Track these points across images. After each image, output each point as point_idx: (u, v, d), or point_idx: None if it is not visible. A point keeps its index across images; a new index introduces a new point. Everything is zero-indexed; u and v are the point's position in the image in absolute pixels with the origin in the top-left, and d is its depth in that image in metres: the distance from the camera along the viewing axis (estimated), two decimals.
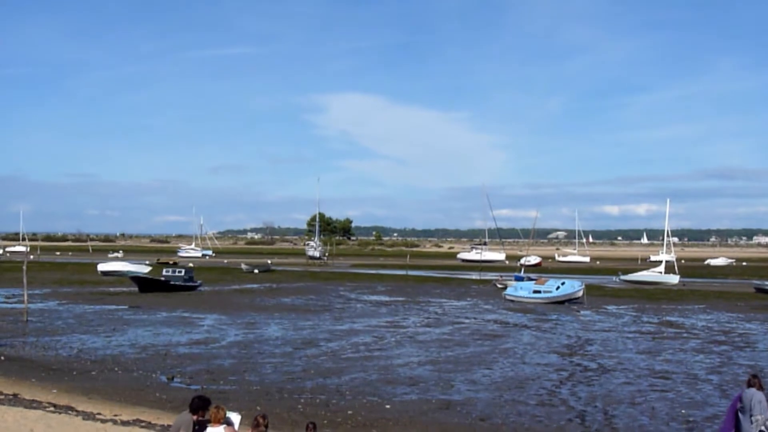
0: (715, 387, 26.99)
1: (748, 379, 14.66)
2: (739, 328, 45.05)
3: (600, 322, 47.79)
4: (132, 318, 45.38)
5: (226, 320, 44.92)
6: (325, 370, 29.20)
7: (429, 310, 53.16)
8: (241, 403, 21.74)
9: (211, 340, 36.74)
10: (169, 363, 30.18)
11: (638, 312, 54.11)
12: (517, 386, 26.64)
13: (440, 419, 21.60)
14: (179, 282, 66.96)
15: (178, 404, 20.67)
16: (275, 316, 47.83)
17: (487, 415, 22.20)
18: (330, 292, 67.74)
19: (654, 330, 43.67)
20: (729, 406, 15.34)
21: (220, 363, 30.37)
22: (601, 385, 27.15)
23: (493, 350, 35.02)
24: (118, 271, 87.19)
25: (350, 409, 22.53)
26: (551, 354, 34.37)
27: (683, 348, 36.55)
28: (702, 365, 31.68)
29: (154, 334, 38.50)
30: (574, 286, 61.62)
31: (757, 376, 14.91)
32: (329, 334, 39.58)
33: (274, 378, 27.41)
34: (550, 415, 22.25)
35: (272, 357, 32.05)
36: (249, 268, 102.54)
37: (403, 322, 45.96)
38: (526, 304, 59.43)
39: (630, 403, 24.17)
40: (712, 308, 57.28)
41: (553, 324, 46.25)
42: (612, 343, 37.90)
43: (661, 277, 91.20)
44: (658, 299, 65.24)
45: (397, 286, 77.12)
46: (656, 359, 33.05)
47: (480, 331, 42.21)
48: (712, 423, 21.57)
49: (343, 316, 48.24)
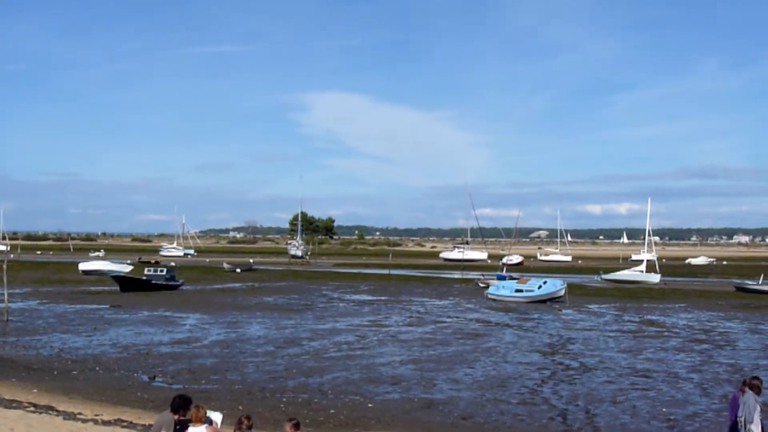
0: (695, 385, 27.12)
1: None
2: (719, 326, 45.29)
3: (582, 321, 47.96)
4: (113, 317, 45.18)
5: (208, 319, 44.79)
6: (307, 369, 29.16)
7: (411, 309, 53.17)
8: (223, 402, 21.68)
9: (192, 340, 36.62)
10: (150, 362, 30.06)
11: (620, 311, 54.32)
12: (499, 385, 26.68)
13: (422, 418, 21.62)
14: (161, 281, 66.70)
15: (160, 404, 20.58)
16: (257, 315, 47.73)
17: (469, 413, 22.23)
18: (312, 291, 67.67)
19: (635, 329, 43.85)
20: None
21: (202, 362, 30.29)
22: (582, 383, 27.23)
23: (475, 349, 35.07)
24: (99, 270, 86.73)
25: (332, 408, 22.52)
26: (533, 353, 34.45)
27: (664, 347, 36.73)
28: (683, 364, 31.83)
29: (135, 334, 38.34)
30: (556, 285, 61.76)
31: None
32: (311, 333, 39.53)
33: (256, 377, 27.36)
34: (532, 414, 22.31)
35: (254, 356, 31.98)
36: (231, 267, 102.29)
37: (385, 321, 45.97)
38: (508, 303, 59.55)
39: (611, 401, 24.26)
40: (692, 307, 57.56)
41: (535, 323, 46.38)
42: (593, 342, 38.03)
43: (643, 276, 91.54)
44: (640, 298, 65.52)
45: (380, 285, 77.12)
46: (637, 358, 33.19)
47: (462, 330, 42.27)
48: (692, 421, 21.71)
49: (325, 315, 48.19)
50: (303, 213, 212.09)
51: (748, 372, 29.63)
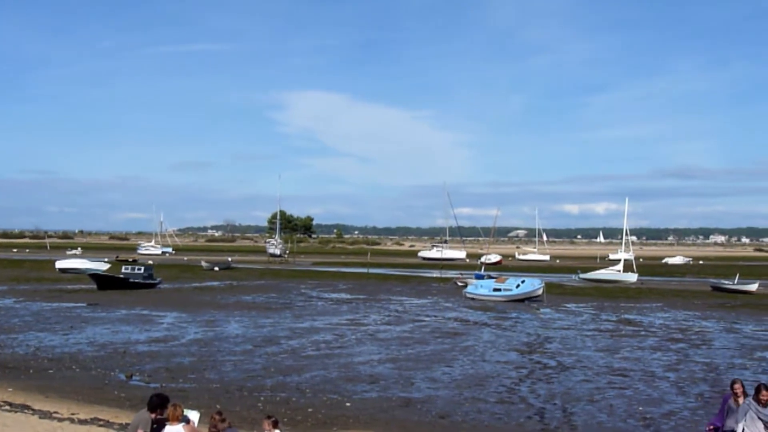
0: (671, 384, 27.30)
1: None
2: (695, 326, 45.59)
3: (559, 320, 48.14)
4: (90, 316, 44.93)
5: (185, 318, 44.64)
6: (285, 367, 29.12)
7: (390, 308, 53.19)
8: (201, 401, 21.62)
9: (170, 338, 36.48)
10: (127, 361, 29.92)
11: (597, 310, 54.57)
12: (477, 384, 26.75)
13: (400, 417, 21.64)
14: (138, 279, 66.40)
15: (137, 402, 20.48)
16: (235, 313, 47.60)
17: (447, 412, 22.27)
18: (291, 290, 67.56)
19: (612, 328, 44.07)
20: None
21: (180, 361, 30.17)
22: (560, 382, 27.35)
23: (453, 348, 35.13)
24: (76, 268, 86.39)
25: (310, 406, 22.49)
26: (511, 352, 34.55)
27: (641, 346, 36.93)
28: (659, 363, 32.03)
29: (112, 332, 38.15)
30: (534, 285, 61.96)
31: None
32: (290, 332, 39.47)
33: (234, 376, 27.29)
34: (510, 413, 22.38)
35: (232, 355, 31.90)
36: (209, 265, 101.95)
37: (363, 320, 45.96)
38: (486, 302, 59.67)
39: (588, 400, 24.38)
40: (669, 306, 57.92)
41: (513, 322, 46.51)
42: (571, 341, 38.20)
43: (620, 276, 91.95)
44: (617, 297, 65.88)
45: (358, 284, 77.08)
46: (614, 357, 33.37)
47: (440, 329, 42.33)
48: (668, 420, 21.85)
49: (303, 314, 48.14)
50: (282, 211, 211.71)
51: (723, 371, 29.94)
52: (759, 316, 51.98)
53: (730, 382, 15.37)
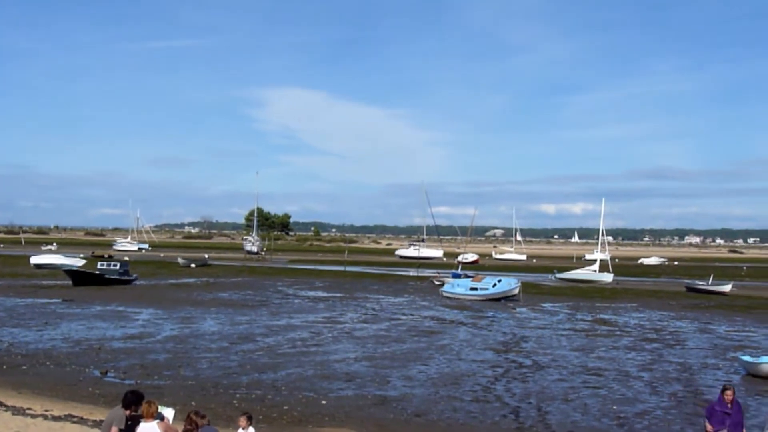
0: (645, 384, 27.51)
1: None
2: (670, 326, 45.91)
3: (535, 319, 48.32)
4: (65, 312, 44.64)
5: (161, 315, 44.44)
6: (261, 365, 29.08)
7: (366, 307, 53.20)
8: (176, 398, 21.59)
9: (146, 335, 36.32)
10: (102, 357, 29.77)
11: (573, 310, 54.82)
12: (453, 382, 26.83)
13: (376, 415, 21.68)
14: (114, 275, 66.05)
15: (112, 399, 20.42)
16: (212, 310, 47.45)
17: (423, 410, 22.33)
18: (267, 288, 67.40)
19: (588, 327, 44.29)
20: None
21: (155, 358, 30.06)
22: (535, 381, 27.48)
23: (429, 347, 35.20)
24: (51, 263, 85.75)
25: (286, 404, 22.49)
26: (487, 351, 34.66)
27: (616, 345, 37.15)
28: (633, 362, 32.25)
29: (87, 328, 37.93)
30: (511, 284, 62.14)
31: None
32: (266, 330, 39.40)
33: (210, 373, 27.22)
34: (485, 411, 22.47)
35: (208, 352, 31.82)
36: (186, 262, 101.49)
37: (340, 317, 45.93)
38: (463, 301, 59.79)
39: (563, 399, 24.51)
40: (644, 306, 58.28)
41: (489, 321, 46.64)
42: (547, 341, 38.36)
43: (596, 276, 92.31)
44: (593, 297, 66.19)
45: (335, 282, 77.03)
46: (589, 356, 33.55)
47: (417, 327, 42.38)
48: (641, 419, 22.03)
49: (280, 312, 48.06)
50: (259, 209, 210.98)
51: (696, 371, 30.21)
52: (732, 316, 52.42)
53: (721, 387, 15.43)
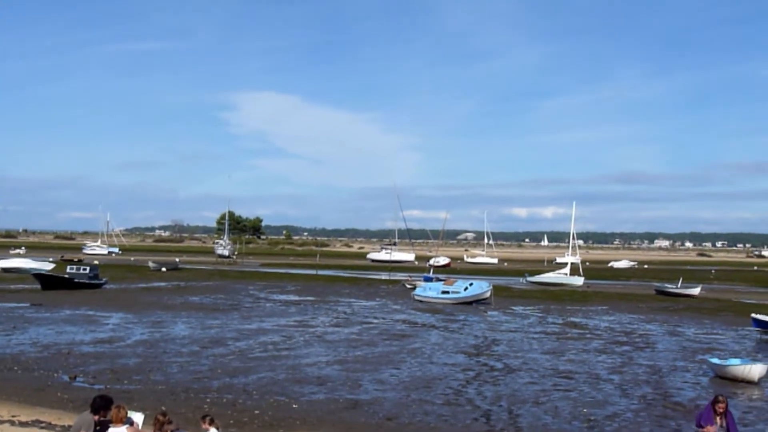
0: (615, 386, 27.66)
1: None
2: (639, 329, 46.22)
3: (507, 322, 48.48)
4: (34, 316, 44.21)
5: (131, 319, 44.14)
6: (232, 369, 28.95)
7: (338, 310, 53.13)
8: (146, 402, 21.43)
9: (115, 339, 36.05)
10: (71, 362, 29.51)
11: (544, 313, 55.05)
12: (425, 386, 26.85)
13: (348, 419, 21.65)
14: (84, 279, 65.42)
15: (81, 404, 20.23)
16: (182, 314, 47.19)
17: (395, 414, 22.33)
18: (239, 291, 67.14)
19: (558, 330, 44.50)
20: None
21: (125, 362, 29.84)
22: (506, 384, 27.56)
23: (401, 350, 35.21)
24: (19, 267, 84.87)
25: (257, 408, 22.40)
26: (458, 354, 34.72)
27: (586, 348, 37.36)
28: (604, 365, 32.43)
29: (56, 333, 37.58)
30: (482, 287, 62.30)
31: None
32: (237, 333, 39.24)
33: (180, 377, 27.07)
34: (456, 415, 22.50)
35: (179, 356, 31.64)
36: (156, 266, 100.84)
37: (312, 321, 45.84)
38: (434, 304, 59.83)
39: (534, 402, 24.60)
40: (614, 309, 58.64)
41: (460, 324, 46.72)
42: (518, 344, 38.50)
43: (567, 279, 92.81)
44: (563, 300, 66.47)
45: (307, 286, 76.86)
46: (560, 359, 33.70)
47: (388, 331, 42.39)
48: (612, 421, 22.15)
49: (251, 315, 47.88)
50: (230, 212, 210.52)
51: (666, 373, 30.44)
52: (700, 319, 52.87)
53: (713, 397, 15.26)
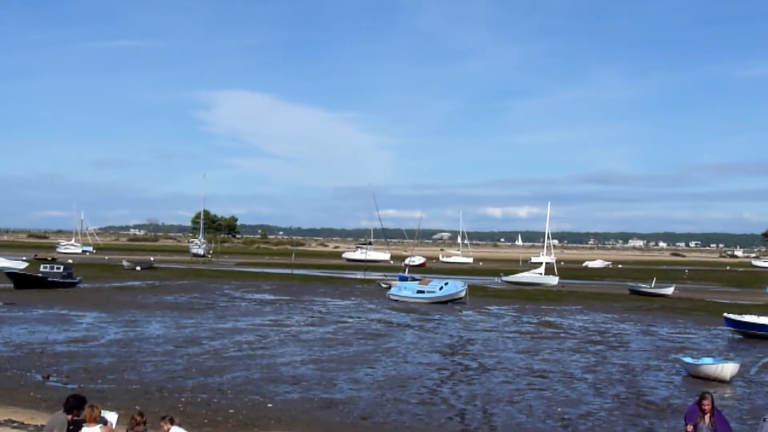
0: (589, 385, 27.82)
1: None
2: (613, 328, 46.49)
3: (481, 322, 48.61)
4: (6, 315, 43.86)
5: (105, 318, 43.90)
6: (207, 368, 28.87)
7: (313, 309, 53.08)
8: (120, 402, 21.35)
9: (89, 338, 35.85)
10: (45, 361, 29.32)
11: (518, 312, 55.25)
12: (399, 385, 26.89)
13: (322, 418, 21.65)
14: (57, 278, 65.05)
15: (54, 404, 20.11)
16: (157, 314, 46.98)
17: (369, 413, 22.35)
18: (214, 291, 66.93)
19: (533, 330, 44.69)
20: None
21: (99, 361, 29.68)
22: (481, 383, 27.65)
23: (376, 349, 35.24)
24: None
25: (232, 407, 22.36)
26: (433, 353, 34.79)
27: (560, 348, 37.54)
28: (578, 364, 32.60)
29: (29, 332, 37.32)
30: (457, 287, 62.43)
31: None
32: (212, 333, 39.12)
33: (155, 377, 26.96)
34: (431, 414, 22.55)
35: (153, 355, 31.50)
36: (131, 265, 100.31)
37: (287, 320, 45.79)
38: (409, 303, 59.90)
39: (508, 401, 24.70)
40: (588, 309, 58.94)
41: (435, 324, 46.81)
42: (492, 343, 38.62)
43: (541, 278, 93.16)
44: (538, 300, 66.71)
45: (282, 285, 76.73)
46: (535, 359, 33.85)
47: (364, 330, 42.40)
48: (585, 420, 22.28)
49: (226, 315, 47.75)
50: (206, 211, 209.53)
51: (639, 372, 30.67)
52: (674, 318, 53.26)
53: (699, 395, 14.71)
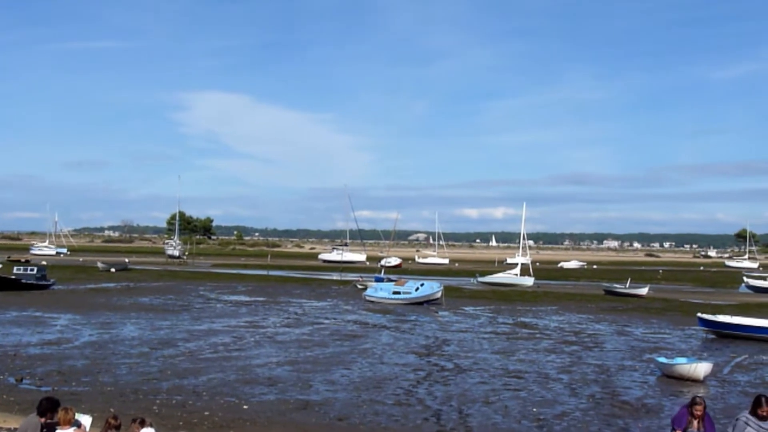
0: (565, 386, 27.95)
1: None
2: (588, 328, 46.72)
3: (457, 322, 48.71)
4: None
5: (80, 320, 43.62)
6: (182, 370, 28.76)
7: (289, 311, 52.98)
8: (94, 404, 21.24)
9: (63, 341, 35.61)
10: (18, 364, 29.09)
11: (494, 313, 55.39)
12: (375, 386, 26.91)
13: (298, 419, 21.63)
14: (31, 280, 64.52)
15: (27, 406, 19.97)
16: (132, 315, 46.73)
17: (345, 415, 22.35)
18: (189, 292, 66.64)
19: (509, 330, 44.83)
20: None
21: (73, 364, 29.49)
22: (456, 384, 27.71)
23: (352, 350, 35.24)
24: None
25: (207, 409, 22.29)
26: (409, 354, 34.83)
27: (536, 348, 37.68)
28: (553, 365, 32.74)
29: (2, 335, 37.01)
30: (433, 288, 62.53)
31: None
32: (187, 334, 38.98)
33: (129, 379, 26.83)
34: (407, 415, 22.59)
35: (128, 357, 31.34)
36: (105, 266, 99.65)
37: (262, 322, 45.67)
38: (385, 305, 59.91)
39: (484, 401, 24.78)
40: (563, 310, 59.19)
41: (411, 325, 46.85)
42: (468, 344, 38.72)
43: (517, 279, 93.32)
44: (514, 301, 66.90)
45: (258, 287, 76.52)
46: (510, 359, 33.95)
47: (340, 331, 42.38)
48: (561, 420, 22.39)
49: (202, 316, 47.57)
50: (181, 213, 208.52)
51: (614, 372, 30.85)
52: (648, 319, 53.59)
53: (690, 399, 13.84)
